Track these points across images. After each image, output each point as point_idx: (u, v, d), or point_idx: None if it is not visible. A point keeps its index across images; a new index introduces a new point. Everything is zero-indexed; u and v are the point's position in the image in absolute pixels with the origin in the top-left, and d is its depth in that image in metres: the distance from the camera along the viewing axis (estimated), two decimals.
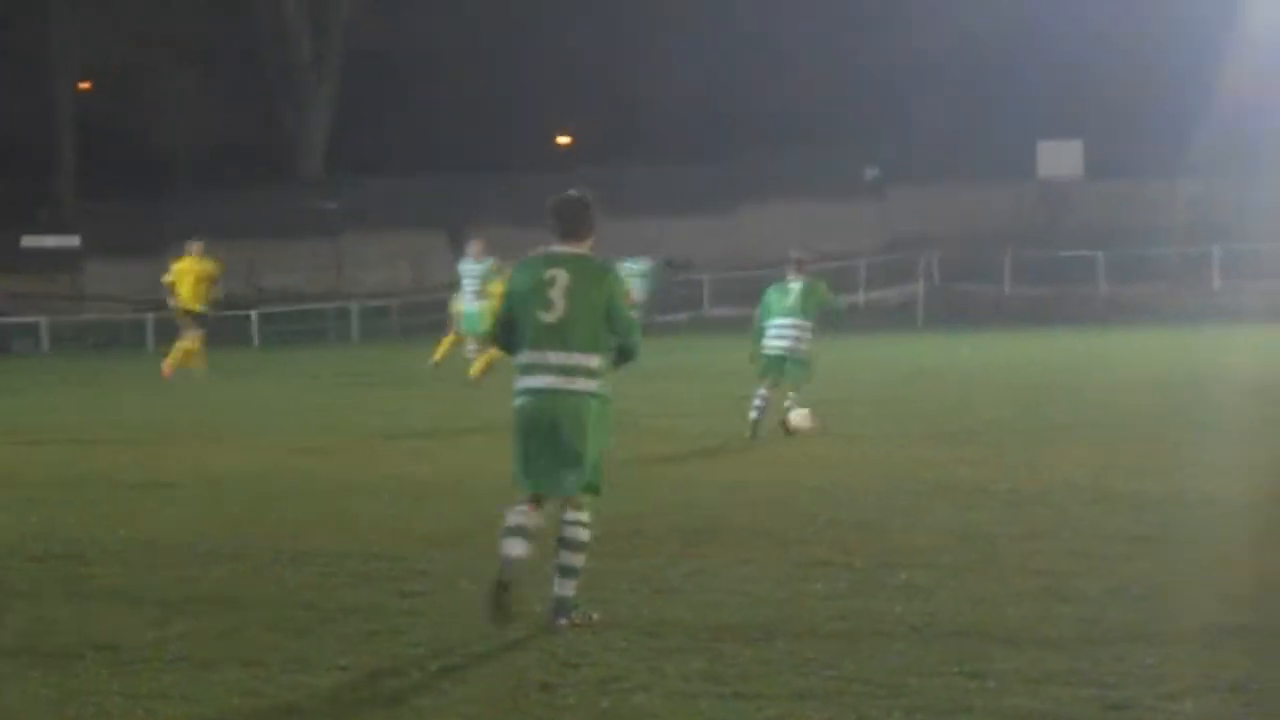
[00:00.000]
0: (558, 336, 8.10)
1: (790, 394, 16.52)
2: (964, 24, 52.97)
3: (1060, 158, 54.26)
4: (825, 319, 17.42)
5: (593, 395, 8.17)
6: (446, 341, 26.33)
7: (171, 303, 27.29)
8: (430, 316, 40.67)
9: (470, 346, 24.90)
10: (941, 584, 8.76)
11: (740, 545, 10.04)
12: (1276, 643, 7.46)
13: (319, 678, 7.18)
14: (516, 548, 8.03)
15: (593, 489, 8.29)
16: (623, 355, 8.36)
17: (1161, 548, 9.72)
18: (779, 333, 16.58)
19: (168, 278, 27.15)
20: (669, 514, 11.30)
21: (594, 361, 8.16)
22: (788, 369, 16.50)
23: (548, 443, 8.11)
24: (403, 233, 56.98)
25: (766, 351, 16.60)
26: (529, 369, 8.20)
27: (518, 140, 60.84)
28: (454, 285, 26.43)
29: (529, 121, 61.85)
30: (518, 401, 8.25)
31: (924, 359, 29.19)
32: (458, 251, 32.28)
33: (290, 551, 10.10)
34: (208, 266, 27.12)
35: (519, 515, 8.15)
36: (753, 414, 16.31)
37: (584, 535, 8.18)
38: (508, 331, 8.34)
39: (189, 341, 27.22)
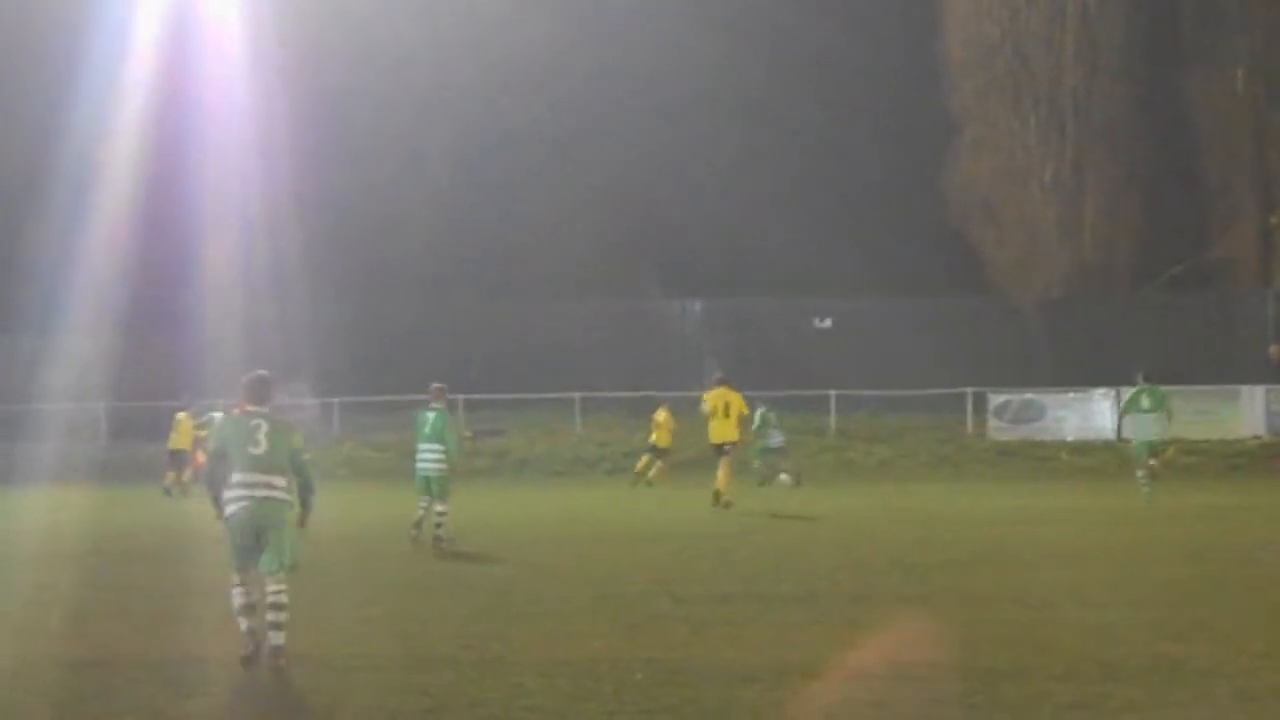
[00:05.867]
0: (262, 464, 11.24)
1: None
2: None
3: None
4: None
5: (284, 502, 11.34)
6: None
7: None
8: None
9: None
10: None
11: None
12: None
13: None
14: (249, 620, 11.12)
15: (288, 567, 11.22)
16: (306, 488, 11.64)
17: None
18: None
19: None
20: None
21: (283, 481, 11.35)
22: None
23: (258, 536, 11.17)
24: None
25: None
26: (244, 484, 11.20)
27: None
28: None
29: None
30: (233, 508, 11.23)
31: None
32: None
33: None
34: None
35: (241, 596, 11.20)
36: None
37: (286, 599, 11.12)
38: (221, 462, 11.44)
39: None
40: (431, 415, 20.38)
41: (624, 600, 14.38)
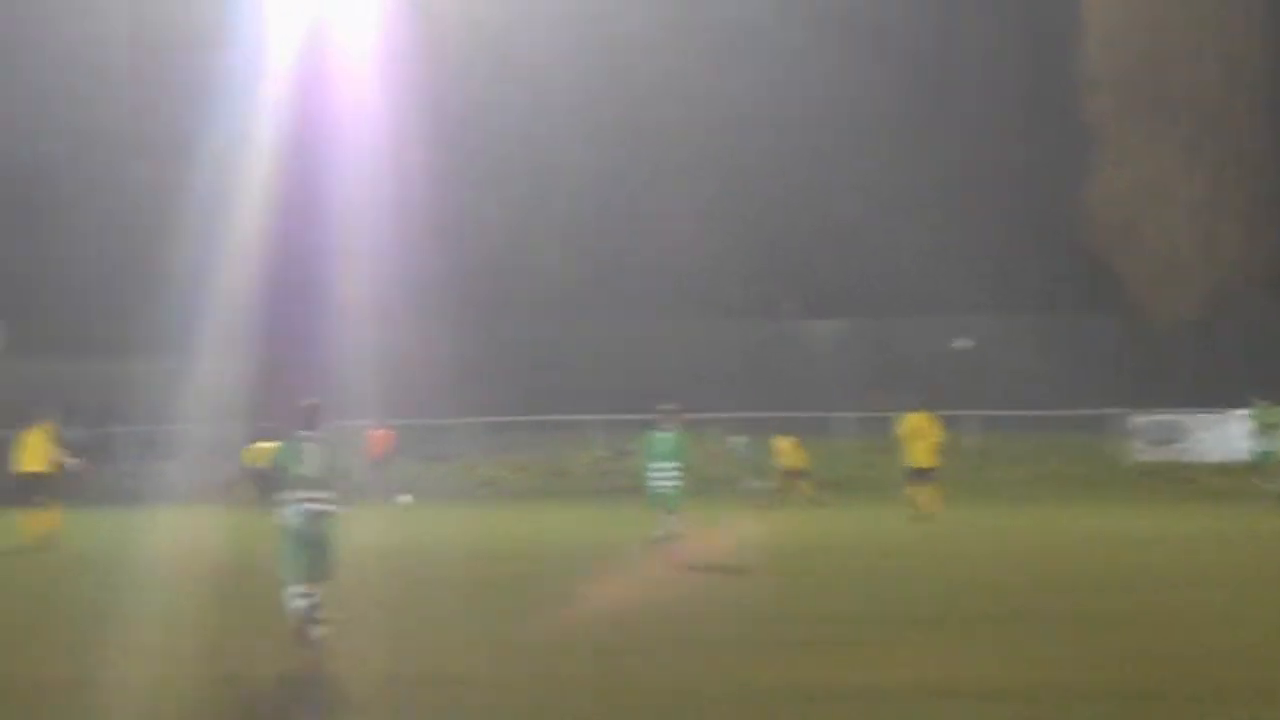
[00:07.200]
0: (308, 481, 13.00)
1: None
2: None
3: None
4: None
5: (331, 514, 13.00)
6: None
7: None
8: None
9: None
10: None
11: None
12: None
13: None
14: (314, 629, 12.63)
15: (329, 576, 13.01)
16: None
17: None
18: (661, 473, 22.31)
19: None
20: None
21: (329, 494, 13.05)
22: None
23: (310, 544, 12.85)
24: None
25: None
26: (296, 499, 12.93)
27: None
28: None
29: None
30: (288, 520, 12.91)
31: None
32: None
33: None
34: None
35: (305, 602, 12.71)
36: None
37: (321, 601, 12.74)
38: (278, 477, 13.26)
39: None
40: (666, 435, 22.21)
41: (761, 623, 14.36)
